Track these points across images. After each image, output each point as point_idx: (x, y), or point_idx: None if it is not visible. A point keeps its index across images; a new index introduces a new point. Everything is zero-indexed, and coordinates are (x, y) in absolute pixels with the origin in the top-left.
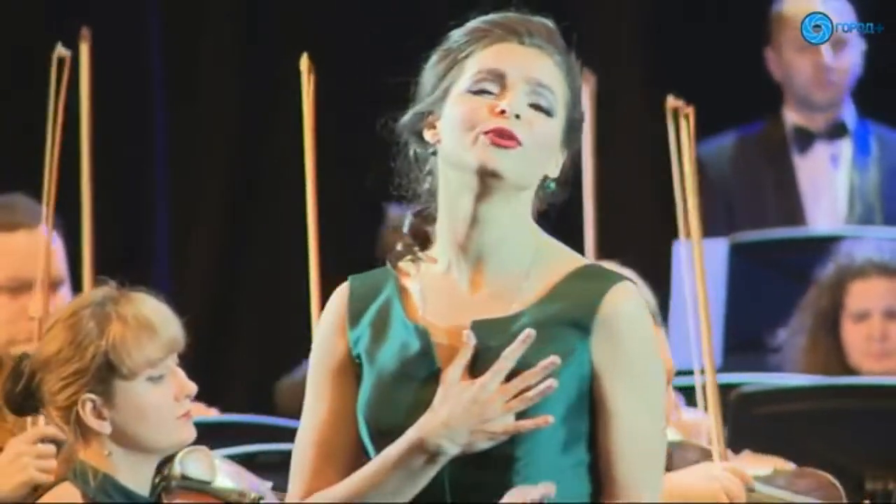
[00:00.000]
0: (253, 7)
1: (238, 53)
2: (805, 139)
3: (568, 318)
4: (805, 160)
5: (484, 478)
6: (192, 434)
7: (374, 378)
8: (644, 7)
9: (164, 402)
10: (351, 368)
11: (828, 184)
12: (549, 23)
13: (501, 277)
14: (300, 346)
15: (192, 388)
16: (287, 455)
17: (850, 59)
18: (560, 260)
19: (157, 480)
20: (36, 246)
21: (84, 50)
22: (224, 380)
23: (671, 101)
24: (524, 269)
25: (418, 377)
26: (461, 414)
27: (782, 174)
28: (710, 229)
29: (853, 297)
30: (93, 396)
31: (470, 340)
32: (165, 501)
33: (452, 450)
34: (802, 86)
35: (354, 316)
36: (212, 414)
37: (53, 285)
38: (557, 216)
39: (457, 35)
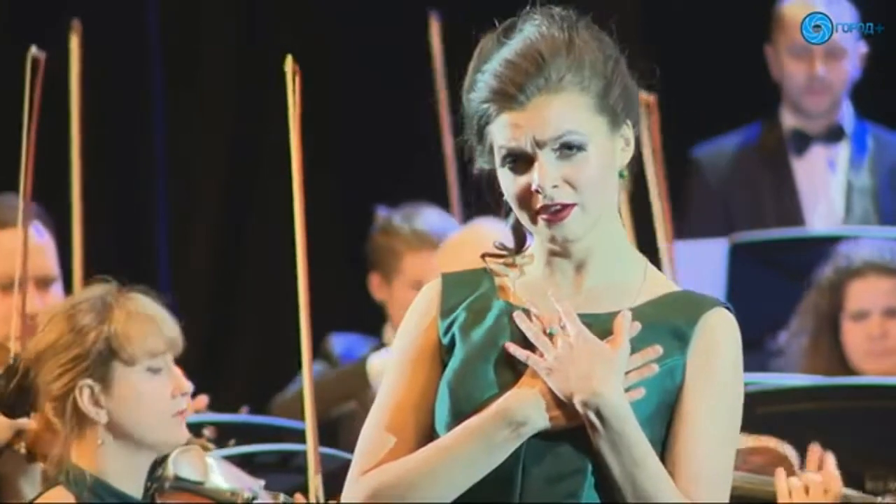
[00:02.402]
0: (252, 7)
1: (237, 52)
2: (802, 141)
3: (670, 325)
4: (802, 162)
5: (558, 476)
6: (184, 434)
7: (465, 353)
8: (643, 5)
9: (161, 395)
10: (437, 356)
11: (825, 186)
12: (541, 42)
13: (605, 285)
14: (300, 345)
15: (188, 385)
16: (285, 455)
17: (844, 69)
18: (664, 282)
19: (149, 482)
20: (26, 244)
21: (74, 42)
22: (224, 380)
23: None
24: (633, 288)
25: (510, 355)
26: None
27: (780, 176)
28: (709, 230)
29: (852, 297)
30: (91, 382)
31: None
32: (159, 502)
33: (540, 422)
34: (795, 92)
35: (447, 306)
36: (201, 405)
37: (45, 283)
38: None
39: (470, 90)
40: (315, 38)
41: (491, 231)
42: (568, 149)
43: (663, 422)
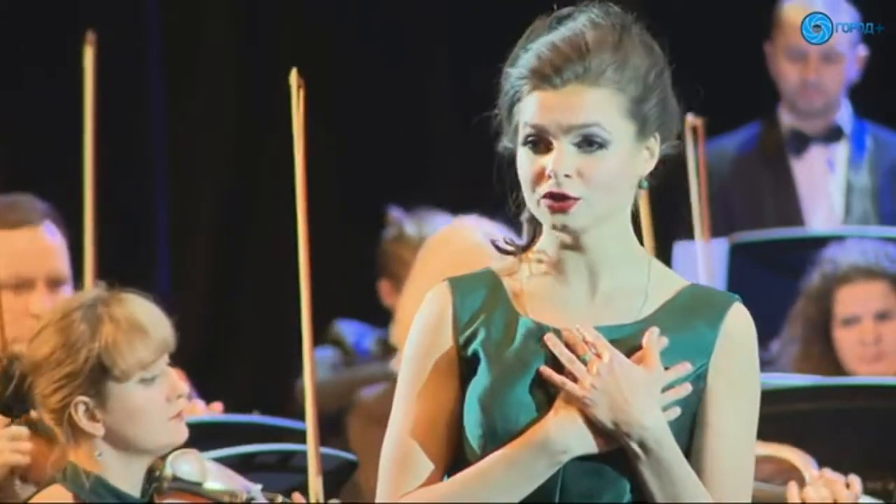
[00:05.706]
0: (252, 10)
1: (237, 54)
2: (800, 142)
3: (691, 331)
4: (801, 163)
5: (596, 492)
6: (184, 435)
7: (496, 372)
8: (642, 5)
9: (156, 403)
10: (456, 369)
11: (824, 186)
12: (590, 33)
13: (618, 291)
14: (300, 345)
15: (184, 388)
16: (286, 455)
17: (839, 73)
18: (670, 278)
19: (148, 482)
20: (38, 244)
21: (89, 53)
22: (224, 380)
23: (689, 120)
24: (642, 289)
25: (542, 377)
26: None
27: (780, 176)
28: (710, 229)
29: (841, 303)
30: (85, 399)
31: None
32: (157, 502)
33: (579, 450)
34: (790, 93)
35: (464, 318)
36: (216, 410)
37: (56, 284)
38: None
39: (512, 65)
40: (319, 39)
41: (474, 228)
42: (588, 143)
43: (687, 428)
